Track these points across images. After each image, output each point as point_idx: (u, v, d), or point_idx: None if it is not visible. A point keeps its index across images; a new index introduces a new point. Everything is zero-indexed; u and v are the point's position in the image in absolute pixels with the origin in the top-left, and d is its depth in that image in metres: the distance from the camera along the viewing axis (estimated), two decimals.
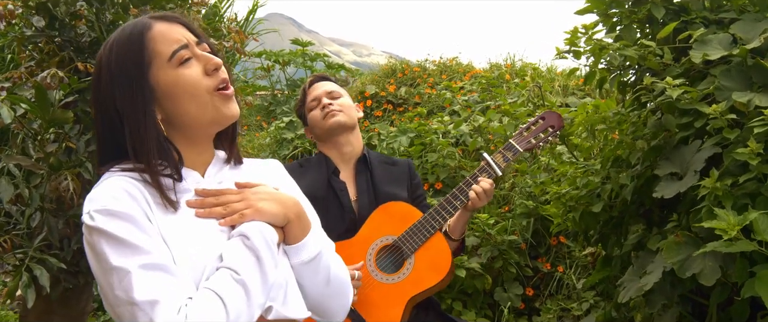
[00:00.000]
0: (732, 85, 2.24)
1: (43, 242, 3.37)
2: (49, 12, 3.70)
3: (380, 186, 2.87)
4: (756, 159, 2.03)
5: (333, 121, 2.88)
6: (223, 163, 1.65)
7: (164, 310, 1.30)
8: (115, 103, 1.47)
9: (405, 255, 2.66)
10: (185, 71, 1.48)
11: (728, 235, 1.92)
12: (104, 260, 1.36)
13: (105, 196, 1.39)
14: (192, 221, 1.48)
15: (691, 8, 2.67)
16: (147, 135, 1.45)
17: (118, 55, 1.48)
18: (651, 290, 2.62)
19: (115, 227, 1.36)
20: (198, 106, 1.49)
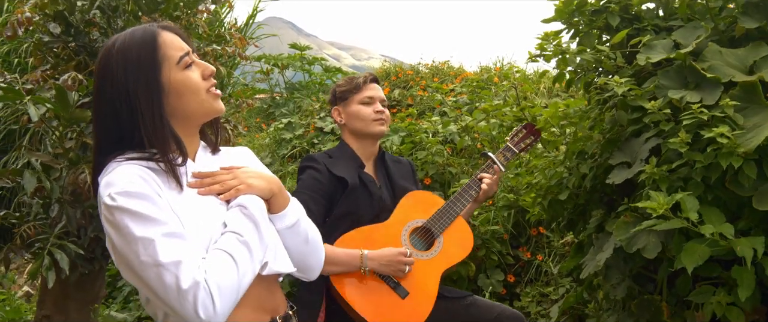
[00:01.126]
0: (670, 84, 2.58)
1: (62, 230, 3.69)
2: (66, 20, 4.01)
3: (396, 180, 3.21)
4: (685, 147, 2.36)
5: (380, 129, 3.16)
6: (207, 151, 1.94)
7: (187, 268, 1.54)
8: (129, 98, 1.70)
9: (434, 235, 3.02)
10: (190, 74, 1.77)
11: (657, 212, 2.26)
12: (128, 233, 1.57)
13: (123, 180, 1.62)
14: (195, 198, 1.76)
15: (644, 16, 3.01)
16: (162, 126, 1.73)
17: (132, 55, 1.72)
18: (608, 266, 2.96)
19: (136, 205, 1.58)
20: (197, 102, 1.78)
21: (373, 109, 3.15)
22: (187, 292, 1.52)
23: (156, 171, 1.70)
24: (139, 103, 1.71)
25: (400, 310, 2.84)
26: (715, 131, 2.27)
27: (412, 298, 2.85)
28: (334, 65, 11.01)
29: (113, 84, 1.72)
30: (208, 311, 1.54)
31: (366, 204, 3.05)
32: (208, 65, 1.82)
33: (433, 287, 2.91)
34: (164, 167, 1.71)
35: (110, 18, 4.05)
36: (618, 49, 2.92)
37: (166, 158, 1.72)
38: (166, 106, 1.75)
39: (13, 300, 5.31)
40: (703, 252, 2.29)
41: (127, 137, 1.72)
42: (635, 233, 2.58)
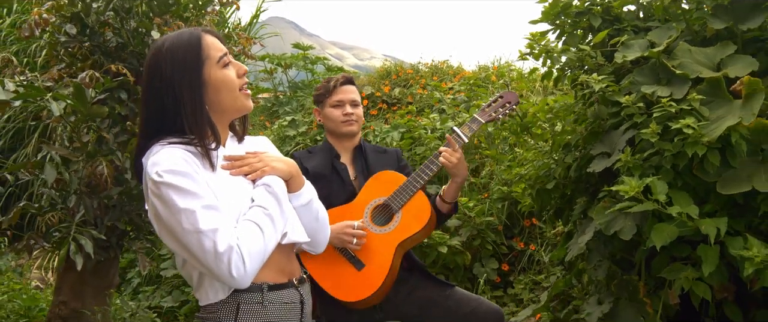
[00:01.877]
0: (643, 80, 2.82)
1: (81, 219, 3.92)
2: (81, 20, 4.24)
3: (373, 168, 3.44)
4: (656, 137, 2.60)
5: (349, 129, 3.43)
6: (234, 140, 2.22)
7: (223, 234, 1.82)
8: (175, 91, 1.97)
9: (393, 211, 3.22)
10: (228, 72, 2.04)
11: (629, 194, 2.49)
12: (173, 205, 1.83)
13: (168, 160, 1.88)
14: (226, 177, 2.04)
15: (624, 18, 3.25)
16: (202, 115, 2.00)
17: (179, 54, 1.99)
18: (589, 249, 3.20)
19: (179, 181, 1.85)
20: (231, 98, 2.05)
21: (342, 112, 3.42)
22: (223, 254, 1.81)
23: (193, 154, 1.96)
24: (182, 95, 1.97)
25: (356, 280, 3.09)
26: (681, 123, 2.51)
27: (368, 269, 3.10)
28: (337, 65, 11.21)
29: (161, 79, 1.98)
30: (239, 272, 1.82)
31: (338, 190, 3.32)
32: (242, 65, 2.10)
33: (387, 258, 3.12)
34: (200, 150, 1.99)
35: (123, 19, 4.27)
36: (599, 48, 3.15)
37: (202, 143, 2.00)
38: (206, 99, 2.02)
39: (28, 290, 5.54)
40: (672, 232, 2.52)
41: (169, 125, 2.00)
42: (613, 216, 2.81)
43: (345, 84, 3.49)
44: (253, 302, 1.96)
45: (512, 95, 3.50)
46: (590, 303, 3.22)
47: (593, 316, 3.11)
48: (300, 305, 2.10)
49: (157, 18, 4.27)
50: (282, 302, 2.03)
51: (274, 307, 2.00)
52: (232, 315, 1.94)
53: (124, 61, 4.22)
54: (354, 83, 3.56)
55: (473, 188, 5.51)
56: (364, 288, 3.08)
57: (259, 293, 1.97)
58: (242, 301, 1.95)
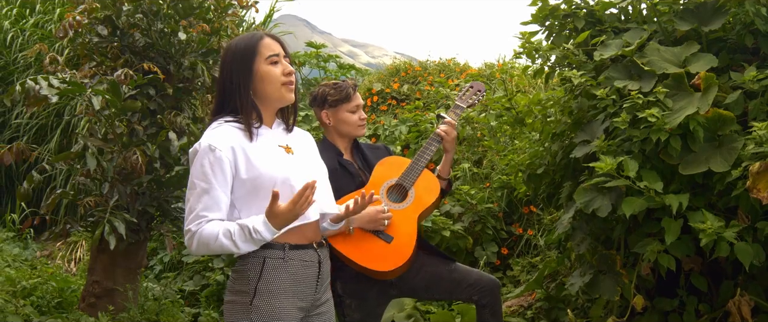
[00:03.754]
0: (617, 76, 3.20)
1: (115, 204, 4.30)
2: (112, 22, 4.61)
3: (371, 162, 3.78)
4: (626, 125, 2.98)
5: (362, 132, 3.76)
6: (281, 126, 2.64)
7: (195, 217, 2.35)
8: (232, 77, 2.47)
9: (406, 188, 3.56)
10: (273, 68, 2.48)
11: (603, 170, 2.87)
12: (192, 172, 2.40)
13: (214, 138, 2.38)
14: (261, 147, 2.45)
15: (605, 20, 3.62)
16: (248, 99, 2.47)
17: (239, 49, 2.48)
18: (573, 228, 3.58)
19: (207, 161, 2.37)
20: (274, 89, 2.49)
21: (359, 117, 3.71)
22: (185, 231, 2.38)
23: (241, 129, 2.45)
24: (236, 81, 2.46)
25: (389, 251, 3.40)
26: (647, 112, 2.89)
27: (397, 241, 3.41)
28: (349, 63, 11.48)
29: (225, 68, 2.49)
30: (189, 246, 2.38)
31: (349, 182, 3.62)
32: (289, 66, 2.52)
33: (412, 229, 3.46)
34: (244, 127, 2.45)
35: (151, 21, 4.64)
36: (582, 47, 3.52)
37: (247, 121, 2.46)
38: (253, 87, 2.48)
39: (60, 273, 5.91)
40: (640, 204, 2.91)
41: (227, 105, 2.48)
42: (591, 196, 3.18)
43: (356, 90, 3.79)
44: (277, 257, 2.39)
45: (480, 84, 3.83)
46: (574, 276, 3.60)
47: (575, 286, 3.50)
48: (318, 264, 2.51)
49: (182, 20, 4.63)
50: (302, 260, 2.44)
51: (294, 263, 2.42)
52: (259, 267, 2.38)
53: (152, 60, 4.57)
54: None
55: (475, 177, 5.89)
56: (399, 256, 3.40)
57: (281, 250, 2.40)
58: (268, 256, 2.38)
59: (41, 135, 8.55)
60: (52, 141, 8.27)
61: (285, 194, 2.39)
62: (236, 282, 2.41)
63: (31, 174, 4.33)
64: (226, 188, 2.39)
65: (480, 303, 3.49)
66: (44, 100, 4.04)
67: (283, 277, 2.40)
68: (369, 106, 8.27)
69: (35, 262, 6.56)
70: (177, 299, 5.62)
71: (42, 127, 8.56)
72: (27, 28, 9.12)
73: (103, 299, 4.78)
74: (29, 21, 9.27)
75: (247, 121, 2.46)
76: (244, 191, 2.41)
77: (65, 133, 8.16)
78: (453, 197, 5.51)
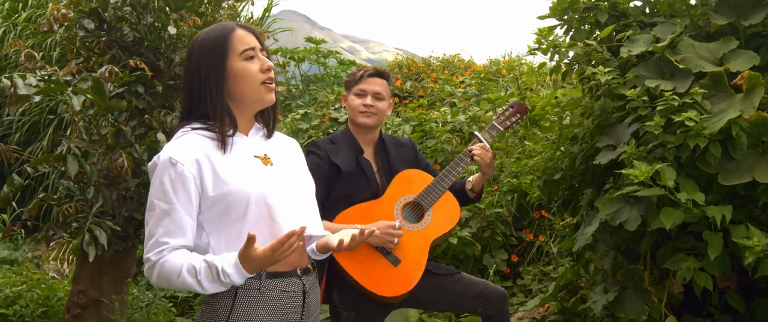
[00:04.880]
0: (648, 74, 2.90)
1: (99, 210, 4.02)
2: (99, 15, 4.32)
3: (394, 165, 3.50)
4: (660, 130, 2.68)
5: (364, 121, 3.43)
6: (260, 132, 2.30)
7: (152, 244, 2.03)
8: (201, 77, 2.13)
9: (424, 209, 3.29)
10: (249, 64, 2.15)
11: (638, 179, 2.57)
12: (151, 190, 2.06)
13: (177, 149, 2.05)
14: (236, 160, 2.14)
15: (630, 13, 3.32)
16: (221, 102, 2.13)
17: (208, 43, 2.15)
18: (596, 240, 3.28)
19: (167, 178, 2.03)
20: (250, 89, 2.16)
21: (362, 102, 3.41)
22: (145, 257, 2.05)
23: (211, 138, 2.11)
24: (206, 82, 2.12)
25: (394, 275, 3.14)
26: (684, 115, 2.59)
27: (404, 265, 3.15)
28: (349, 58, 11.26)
29: (192, 66, 2.16)
30: (149, 276, 2.06)
31: (363, 187, 3.34)
32: (267, 61, 2.19)
33: (422, 255, 3.19)
34: (217, 136, 2.11)
35: (140, 14, 4.36)
36: (605, 43, 3.22)
37: (220, 129, 2.13)
38: (227, 87, 2.15)
39: (46, 280, 5.64)
40: (678, 216, 2.61)
41: (196, 110, 2.15)
42: (618, 207, 2.89)
43: (373, 76, 3.49)
44: (252, 288, 2.07)
45: (520, 106, 3.58)
46: (596, 292, 3.30)
47: (598, 304, 3.20)
48: (302, 294, 2.18)
49: (173, 13, 4.35)
50: (280, 290, 2.12)
51: (272, 294, 2.10)
52: (231, 300, 2.06)
53: (141, 56, 4.30)
54: (385, 77, 3.54)
55: None
56: (403, 284, 3.14)
57: (257, 279, 2.07)
58: (241, 287, 2.05)
59: (34, 132, 8.31)
60: (44, 139, 8.04)
61: (261, 214, 2.09)
62: (204, 316, 2.11)
63: (11, 177, 4.05)
64: (190, 208, 2.06)
65: (486, 315, 3.29)
66: (26, 99, 3.77)
67: (259, 311, 2.08)
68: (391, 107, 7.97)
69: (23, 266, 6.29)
70: (169, 307, 5.33)
71: (34, 124, 8.32)
72: (19, 22, 8.86)
73: (89, 309, 4.52)
74: (21, 15, 9.03)
75: (220, 129, 2.13)
76: (213, 211, 2.08)
77: (59, 130, 7.90)
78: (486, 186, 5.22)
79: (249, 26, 2.23)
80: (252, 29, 2.23)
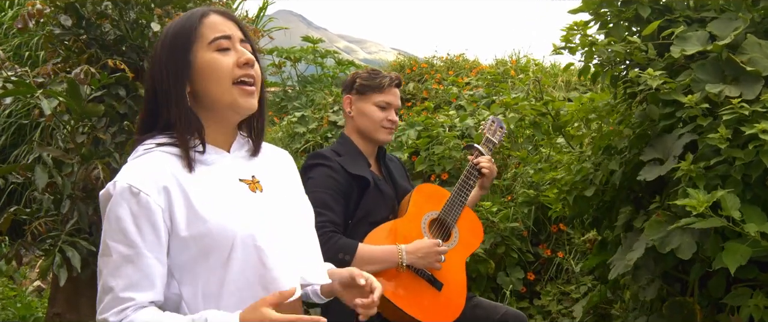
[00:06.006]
0: (706, 78, 2.48)
1: (74, 227, 3.61)
2: (77, 11, 3.92)
3: (396, 179, 3.13)
4: (725, 144, 2.26)
5: (387, 138, 3.05)
6: (245, 146, 1.84)
7: (108, 301, 1.56)
8: (161, 74, 1.68)
9: (449, 225, 2.96)
10: (219, 57, 1.69)
11: (697, 210, 2.16)
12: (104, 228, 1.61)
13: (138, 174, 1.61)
14: (220, 188, 1.69)
15: (675, 8, 2.90)
16: (179, 102, 1.67)
17: (174, 30, 1.71)
18: (637, 266, 2.86)
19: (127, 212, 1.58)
20: (220, 90, 1.69)
21: (386, 116, 3.02)
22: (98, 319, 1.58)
23: (178, 155, 1.67)
24: (168, 78, 1.67)
25: (441, 302, 2.82)
26: (757, 127, 2.17)
27: (447, 289, 2.83)
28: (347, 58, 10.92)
29: (154, 61, 1.72)
30: None
31: (381, 204, 2.97)
32: (246, 53, 1.72)
33: (462, 276, 2.91)
34: (180, 151, 1.67)
35: (122, 10, 3.97)
36: (648, 41, 2.81)
37: (183, 140, 1.67)
38: (191, 87, 1.70)
39: (24, 297, 5.25)
40: (745, 252, 2.20)
41: (158, 119, 1.70)
42: (669, 232, 2.48)
43: (397, 87, 3.09)
44: None
45: (498, 120, 3.31)
46: None
47: None
48: None
49: (157, 8, 3.96)
50: None
51: None
52: None
53: (123, 56, 3.91)
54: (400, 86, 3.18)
55: (495, 190, 5.16)
56: (451, 310, 2.83)
57: None
58: None
59: (21, 134, 7.93)
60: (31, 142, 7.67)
61: (249, 258, 1.64)
62: None
63: None
64: (160, 251, 1.60)
65: None
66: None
67: None
68: None
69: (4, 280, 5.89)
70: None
71: (21, 127, 7.95)
72: (5, 21, 8.50)
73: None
74: (8, 14, 8.66)
75: (182, 141, 1.67)
76: (186, 254, 1.63)
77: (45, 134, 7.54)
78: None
79: (226, 11, 1.77)
80: (229, 15, 1.77)
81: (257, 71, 1.75)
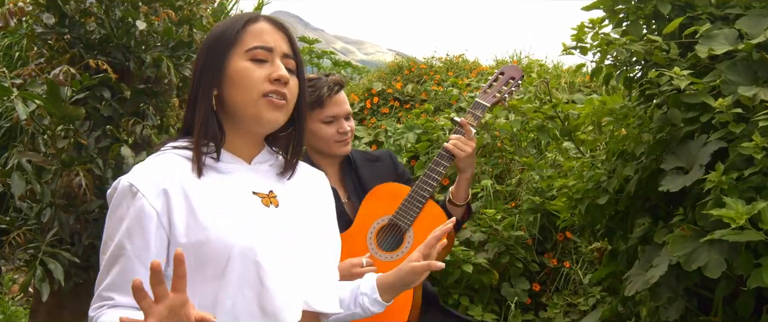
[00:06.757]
0: (738, 80, 2.27)
1: (55, 238, 3.41)
2: (59, 9, 3.73)
3: (368, 185, 2.85)
4: (761, 153, 2.06)
5: (344, 151, 2.82)
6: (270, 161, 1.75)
7: (96, 297, 1.60)
8: (195, 70, 1.69)
9: (403, 230, 2.66)
10: (252, 67, 1.63)
11: (737, 223, 1.95)
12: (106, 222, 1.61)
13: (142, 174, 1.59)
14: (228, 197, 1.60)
15: (697, 4, 2.69)
16: (204, 105, 1.62)
17: (217, 32, 1.68)
18: (657, 283, 2.65)
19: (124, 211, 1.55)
20: (245, 100, 1.63)
21: (337, 129, 2.78)
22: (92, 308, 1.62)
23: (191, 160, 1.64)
24: (198, 80, 1.67)
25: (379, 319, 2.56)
26: None
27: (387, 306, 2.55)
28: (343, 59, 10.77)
29: (196, 63, 1.72)
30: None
31: None
32: (282, 69, 1.65)
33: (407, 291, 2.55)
34: (193, 155, 1.63)
35: (108, 7, 3.76)
36: (669, 40, 2.60)
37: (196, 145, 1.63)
38: (218, 91, 1.67)
39: (7, 306, 5.06)
40: None
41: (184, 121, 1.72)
42: (694, 247, 2.28)
43: (339, 92, 2.83)
44: None
45: (515, 70, 2.96)
46: None
47: None
48: None
49: (144, 6, 3.75)
50: None
51: None
52: None
53: (109, 55, 3.71)
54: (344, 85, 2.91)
55: (498, 196, 4.95)
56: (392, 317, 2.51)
57: None
58: None
59: (12, 137, 7.75)
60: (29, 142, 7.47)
61: (246, 274, 1.53)
62: None
63: None
64: (147, 257, 1.52)
65: None
66: None
67: None
68: (368, 108, 7.36)
69: None
70: None
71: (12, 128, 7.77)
72: None
73: None
74: None
75: (196, 144, 1.63)
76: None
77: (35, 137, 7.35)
78: (473, 221, 4.57)
79: (279, 21, 1.71)
80: (282, 26, 1.70)
81: (292, 89, 1.68)
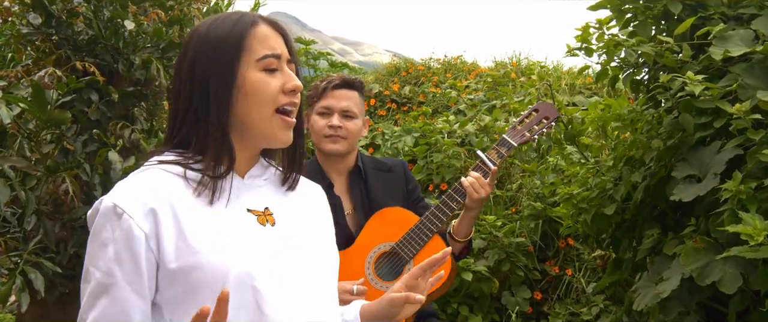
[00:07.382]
0: (755, 84, 2.15)
1: (39, 246, 3.31)
2: (46, 9, 3.62)
3: (375, 198, 2.75)
4: None
5: (330, 148, 2.70)
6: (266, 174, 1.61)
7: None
8: (194, 84, 1.47)
9: (404, 261, 2.57)
10: (266, 79, 1.48)
11: (755, 240, 1.83)
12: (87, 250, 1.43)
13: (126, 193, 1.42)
14: (222, 217, 1.45)
15: (709, 4, 2.58)
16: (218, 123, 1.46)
17: (219, 34, 1.48)
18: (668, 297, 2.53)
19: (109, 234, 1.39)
20: (260, 116, 1.48)
21: (327, 123, 2.69)
22: None
23: (181, 176, 1.46)
24: (205, 93, 1.47)
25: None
26: None
27: None
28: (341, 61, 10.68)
29: (184, 67, 1.50)
30: None
31: None
32: (295, 78, 1.52)
33: None
34: (204, 179, 1.46)
35: (96, 8, 3.65)
36: (681, 42, 2.48)
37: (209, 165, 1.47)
38: (232, 106, 1.49)
39: None
40: None
41: (178, 131, 1.49)
42: (708, 260, 2.16)
43: (340, 87, 2.72)
44: None
45: (550, 109, 2.81)
46: None
47: None
48: None
49: (133, 6, 3.64)
50: None
51: None
52: None
53: (97, 57, 3.60)
54: (356, 88, 2.78)
55: (498, 201, 4.84)
56: None
57: None
58: None
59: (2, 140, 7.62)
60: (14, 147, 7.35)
61: (243, 300, 1.39)
62: None
63: None
64: (140, 284, 1.39)
65: None
66: None
67: None
68: (366, 110, 7.25)
69: None
70: None
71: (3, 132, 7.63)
72: None
73: None
74: None
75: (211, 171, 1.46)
76: (174, 290, 1.40)
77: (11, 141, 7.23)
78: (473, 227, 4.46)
79: (275, 21, 1.55)
80: (279, 27, 1.55)
81: (299, 98, 1.54)
